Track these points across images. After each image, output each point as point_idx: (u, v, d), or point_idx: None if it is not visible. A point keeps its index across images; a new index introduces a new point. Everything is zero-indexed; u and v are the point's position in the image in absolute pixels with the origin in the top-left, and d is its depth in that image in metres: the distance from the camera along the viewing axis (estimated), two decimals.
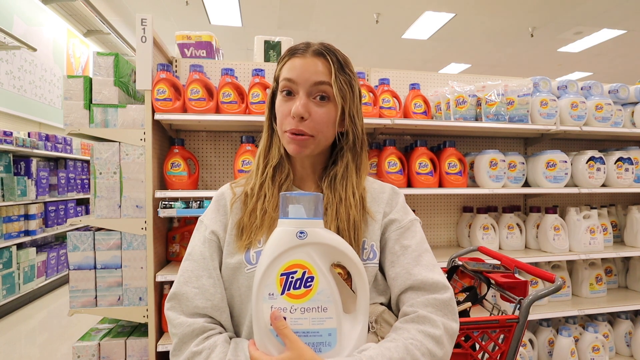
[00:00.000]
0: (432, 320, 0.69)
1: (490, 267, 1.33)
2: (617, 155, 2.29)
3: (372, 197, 0.85)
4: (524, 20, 5.63)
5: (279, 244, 0.61)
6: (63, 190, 4.66)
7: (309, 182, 0.87)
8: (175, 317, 0.73)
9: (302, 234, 0.61)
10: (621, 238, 2.59)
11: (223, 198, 0.85)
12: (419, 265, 0.76)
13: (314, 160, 0.85)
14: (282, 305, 0.60)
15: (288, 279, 0.60)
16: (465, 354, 1.10)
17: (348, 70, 0.81)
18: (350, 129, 0.82)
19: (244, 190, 0.84)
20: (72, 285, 1.75)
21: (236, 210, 0.82)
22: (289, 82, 0.77)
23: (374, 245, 0.79)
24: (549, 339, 2.24)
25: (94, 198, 1.77)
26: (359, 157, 0.84)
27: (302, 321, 0.59)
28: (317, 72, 0.77)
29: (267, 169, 0.83)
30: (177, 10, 5.46)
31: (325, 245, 0.62)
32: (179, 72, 2.13)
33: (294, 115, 0.75)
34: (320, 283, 0.60)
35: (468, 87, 2.15)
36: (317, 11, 5.44)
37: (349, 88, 0.80)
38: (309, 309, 0.60)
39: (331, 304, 0.60)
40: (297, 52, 0.79)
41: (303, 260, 0.60)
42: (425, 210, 2.47)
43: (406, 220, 0.82)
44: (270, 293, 0.60)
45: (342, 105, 0.78)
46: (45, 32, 5.01)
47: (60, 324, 3.45)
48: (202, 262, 0.77)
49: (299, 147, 0.78)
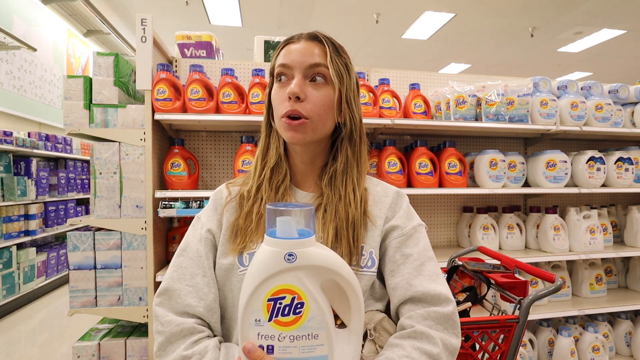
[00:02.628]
0: (429, 337, 0.66)
1: (490, 267, 1.33)
2: (617, 155, 2.29)
3: (374, 200, 0.81)
4: (524, 20, 5.63)
5: (266, 267, 0.55)
6: (63, 190, 4.66)
7: (308, 180, 0.84)
8: (164, 314, 0.70)
9: (291, 256, 0.55)
10: (621, 238, 2.59)
11: (220, 197, 0.84)
12: (420, 275, 0.72)
13: (314, 153, 0.82)
14: (270, 333, 0.55)
15: (276, 305, 0.55)
16: (465, 354, 1.10)
17: (343, 54, 0.79)
18: (348, 116, 0.79)
19: (240, 191, 0.83)
20: (72, 285, 1.75)
21: (230, 211, 0.81)
22: (283, 67, 0.76)
23: (372, 252, 0.76)
24: (549, 339, 2.24)
25: (94, 198, 1.77)
26: (358, 151, 0.82)
27: (291, 350, 0.55)
28: (313, 54, 0.75)
29: (264, 171, 0.81)
30: (177, 10, 5.46)
31: (317, 267, 0.57)
32: (179, 72, 2.13)
33: (289, 94, 0.73)
34: (310, 309, 0.56)
35: (468, 87, 2.15)
36: (317, 11, 5.44)
37: (346, 70, 0.78)
38: (299, 337, 0.55)
39: (322, 330, 0.56)
40: (291, 40, 0.78)
41: (292, 285, 0.55)
42: (425, 210, 2.47)
43: (409, 227, 0.78)
44: (257, 319, 0.56)
45: (339, 88, 0.76)
46: (45, 32, 5.01)
47: (60, 324, 3.45)
48: (198, 260, 0.76)
49: (296, 132, 0.74)
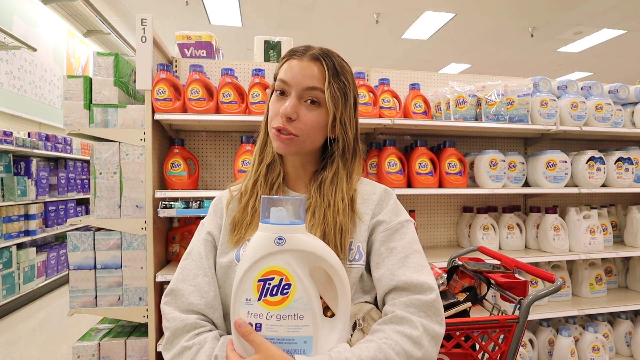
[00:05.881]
0: (410, 321, 0.68)
1: (490, 267, 1.33)
2: (617, 155, 2.29)
3: (362, 198, 0.84)
4: (524, 20, 5.63)
5: (257, 249, 0.60)
6: (63, 190, 4.66)
7: (300, 183, 0.88)
8: (170, 311, 0.76)
9: (280, 240, 0.60)
10: (621, 238, 2.59)
11: (220, 202, 0.89)
12: (404, 266, 0.74)
13: (304, 161, 0.86)
14: (259, 312, 0.59)
15: (265, 286, 0.59)
16: (465, 354, 1.10)
17: (343, 77, 0.81)
18: (341, 136, 0.82)
19: (241, 188, 0.87)
20: (72, 285, 1.75)
21: (232, 210, 0.85)
22: (283, 83, 0.79)
23: (360, 246, 0.79)
24: (549, 339, 2.24)
25: (94, 198, 1.77)
26: (350, 165, 0.85)
27: (277, 328, 0.59)
28: (311, 77, 0.78)
29: (261, 167, 0.86)
30: (177, 10, 5.47)
31: (304, 252, 0.61)
32: (179, 72, 2.13)
33: (281, 115, 0.77)
34: (297, 291, 0.60)
35: (468, 87, 2.15)
36: (317, 11, 5.44)
37: (342, 95, 0.80)
38: (285, 317, 0.59)
39: (308, 311, 0.60)
40: (295, 54, 0.80)
41: (280, 267, 0.60)
42: (425, 210, 2.47)
43: (395, 222, 0.80)
44: (248, 298, 0.60)
45: (333, 112, 0.79)
46: (45, 32, 5.01)
47: (60, 324, 3.45)
48: (200, 261, 0.81)
49: (282, 144, 0.79)
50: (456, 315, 1.17)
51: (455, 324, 1.10)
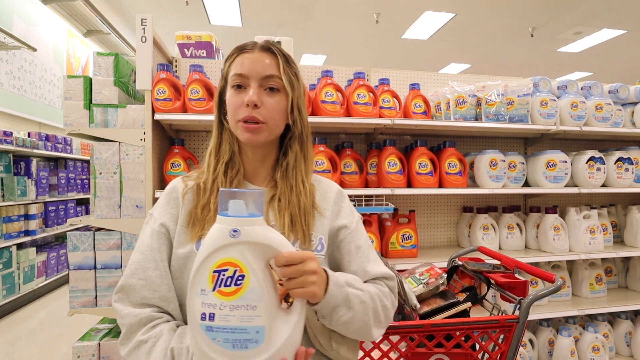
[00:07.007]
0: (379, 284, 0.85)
1: (490, 267, 1.33)
2: (617, 155, 2.29)
3: (320, 194, 0.91)
4: (524, 20, 5.64)
5: (213, 241, 0.62)
6: (63, 190, 4.66)
7: (260, 176, 0.90)
8: (123, 308, 0.76)
9: (235, 232, 0.61)
10: (621, 238, 2.59)
11: (175, 191, 0.87)
12: (370, 262, 0.87)
13: (265, 152, 0.89)
14: (212, 302, 0.60)
15: (220, 276, 0.61)
16: (465, 354, 1.10)
17: (293, 64, 0.88)
18: (298, 119, 0.88)
19: (196, 182, 0.87)
20: (72, 285, 1.75)
21: (188, 201, 0.85)
22: (239, 77, 0.82)
23: (322, 238, 0.85)
24: (549, 339, 2.24)
25: (94, 198, 1.77)
26: (306, 148, 0.90)
27: (230, 318, 0.60)
28: (268, 66, 0.82)
29: (218, 166, 0.87)
30: (177, 10, 5.47)
31: (259, 244, 0.62)
32: (179, 72, 2.13)
33: (248, 103, 0.80)
34: (250, 282, 0.61)
35: (468, 87, 2.15)
36: (317, 11, 5.44)
37: (296, 79, 0.87)
38: (238, 307, 0.60)
39: (261, 302, 0.61)
40: (245, 49, 0.84)
41: (235, 258, 0.61)
42: (425, 210, 2.47)
43: (354, 223, 0.90)
44: (203, 289, 0.61)
45: (291, 96, 0.85)
46: (45, 32, 5.02)
47: (60, 324, 3.45)
48: (150, 254, 0.80)
49: (251, 134, 0.82)
50: (456, 315, 1.17)
51: (455, 324, 1.10)
